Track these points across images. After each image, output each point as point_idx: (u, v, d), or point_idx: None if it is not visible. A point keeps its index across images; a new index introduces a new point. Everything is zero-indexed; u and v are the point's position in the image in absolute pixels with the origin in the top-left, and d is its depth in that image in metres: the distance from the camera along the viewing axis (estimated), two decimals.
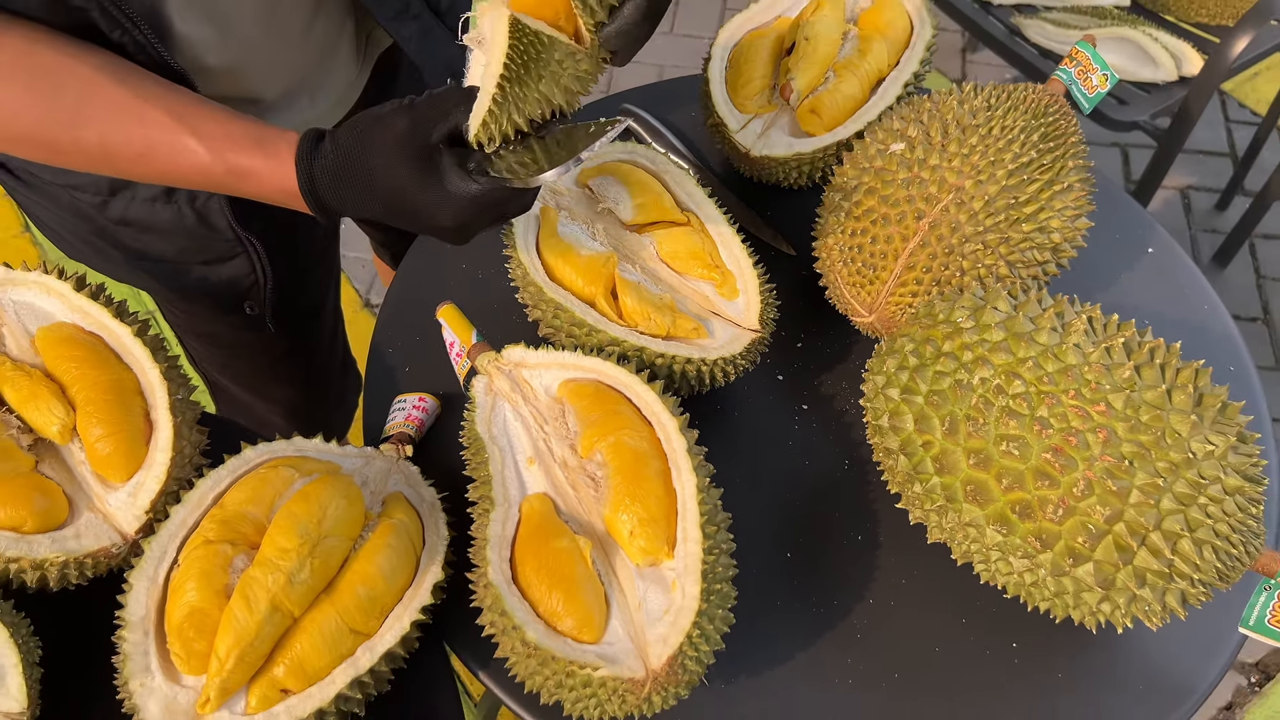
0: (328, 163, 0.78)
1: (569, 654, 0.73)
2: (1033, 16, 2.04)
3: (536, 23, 0.74)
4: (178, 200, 1.03)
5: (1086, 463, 0.75)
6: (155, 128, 0.80)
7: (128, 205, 1.04)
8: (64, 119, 0.79)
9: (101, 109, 0.79)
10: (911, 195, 0.93)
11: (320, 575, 0.78)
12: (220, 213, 1.04)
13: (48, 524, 0.80)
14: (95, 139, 0.80)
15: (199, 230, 1.06)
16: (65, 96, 0.79)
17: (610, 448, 0.82)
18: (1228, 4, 2.04)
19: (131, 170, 0.83)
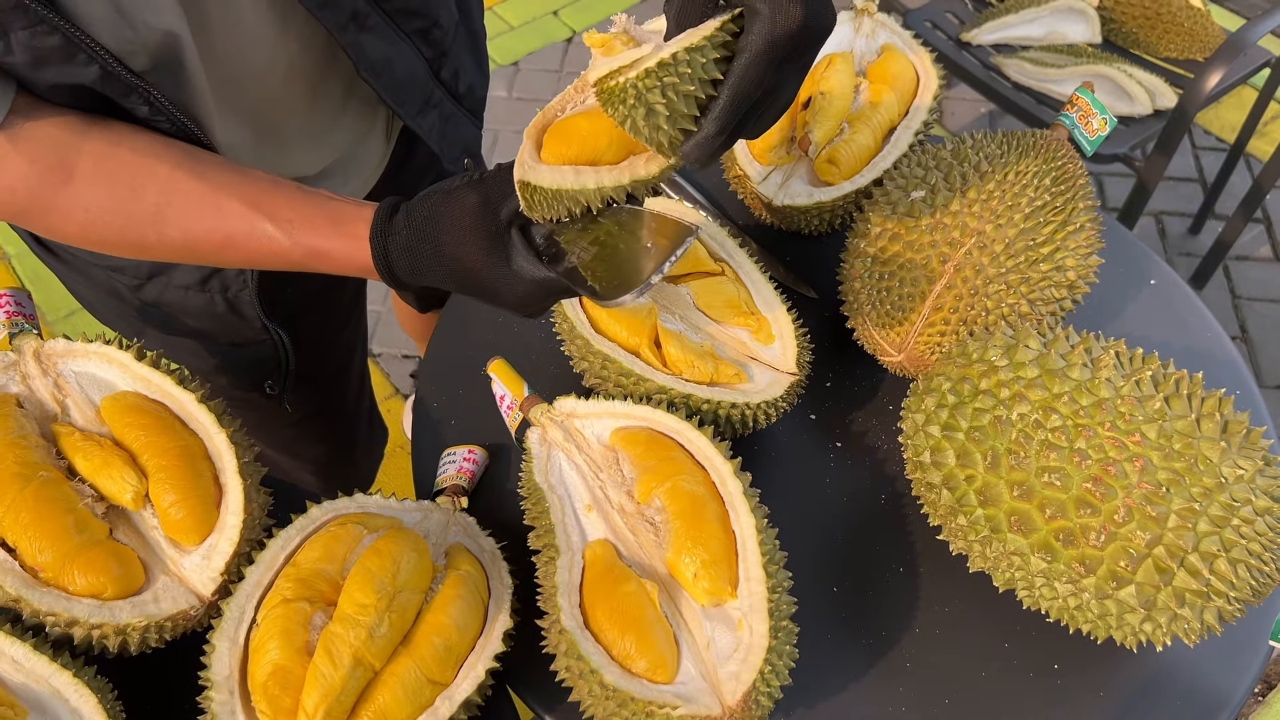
0: (401, 240, 0.81)
1: (647, 695, 0.76)
2: (1011, 56, 2.12)
3: (558, 174, 0.74)
4: (211, 289, 1.07)
5: (1125, 490, 0.79)
6: (233, 218, 0.82)
7: (163, 290, 1.07)
8: (147, 219, 0.82)
9: (181, 206, 0.82)
10: (936, 240, 0.98)
11: (398, 628, 0.80)
12: (250, 304, 1.09)
13: (126, 590, 0.82)
14: (179, 235, 0.83)
15: (229, 317, 1.10)
16: (146, 197, 0.82)
17: (668, 493, 0.86)
18: (1194, 39, 2.13)
19: (216, 259, 0.86)
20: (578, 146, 0.73)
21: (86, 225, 0.83)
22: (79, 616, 0.79)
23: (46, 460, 0.86)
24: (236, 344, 1.15)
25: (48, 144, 0.80)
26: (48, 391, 0.92)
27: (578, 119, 0.74)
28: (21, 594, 0.79)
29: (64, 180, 0.81)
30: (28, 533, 0.81)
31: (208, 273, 1.06)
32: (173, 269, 1.05)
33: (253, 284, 1.06)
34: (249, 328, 1.12)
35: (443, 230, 0.79)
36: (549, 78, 3.11)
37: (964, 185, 1.00)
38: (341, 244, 0.82)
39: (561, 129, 0.74)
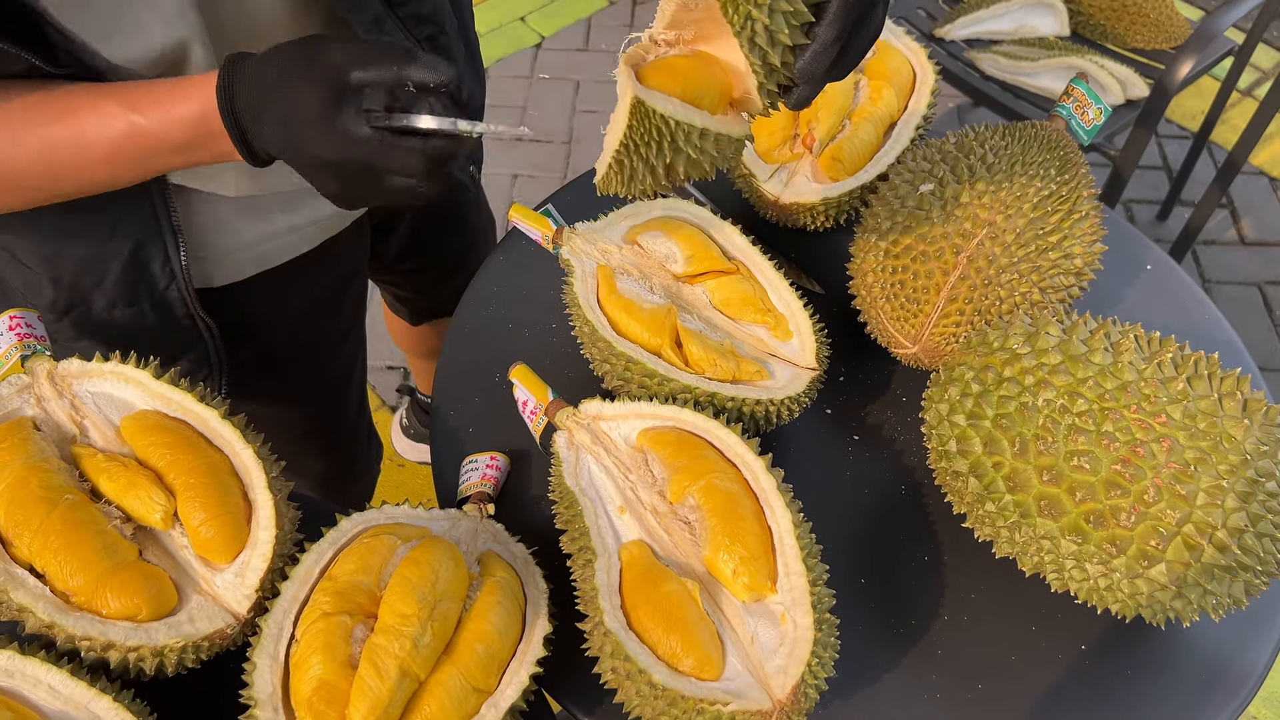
0: (249, 67, 0.77)
1: (696, 692, 0.76)
2: (984, 50, 2.15)
3: (670, 103, 0.71)
4: (139, 299, 1.01)
5: (1154, 470, 0.81)
6: (84, 111, 0.80)
7: (82, 320, 1.03)
8: (6, 141, 0.80)
9: (37, 120, 0.80)
10: (948, 231, 0.99)
11: (440, 637, 0.80)
12: (180, 300, 1.03)
13: (160, 611, 0.81)
14: (37, 147, 0.81)
15: (159, 327, 1.05)
16: (4, 122, 0.80)
17: (702, 491, 0.86)
18: (1160, 30, 2.18)
19: (78, 166, 0.82)
20: (683, 83, 0.72)
21: None
22: (115, 640, 0.78)
23: (70, 483, 0.85)
24: (169, 359, 1.08)
25: None
26: (65, 413, 0.90)
27: (678, 60, 0.72)
28: (55, 620, 0.78)
29: None
30: (58, 557, 0.80)
31: (132, 281, 1.00)
32: (92, 293, 1.00)
33: (180, 268, 1.00)
34: (178, 330, 1.06)
35: (291, 61, 0.75)
36: (520, 84, 3.11)
37: (972, 177, 1.01)
38: (185, 98, 0.78)
39: (664, 65, 0.72)
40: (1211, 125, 2.47)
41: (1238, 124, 2.93)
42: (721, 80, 0.74)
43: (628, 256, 1.04)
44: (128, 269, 0.98)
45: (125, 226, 0.96)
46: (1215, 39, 1.88)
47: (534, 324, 1.15)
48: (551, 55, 3.21)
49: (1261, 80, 3.14)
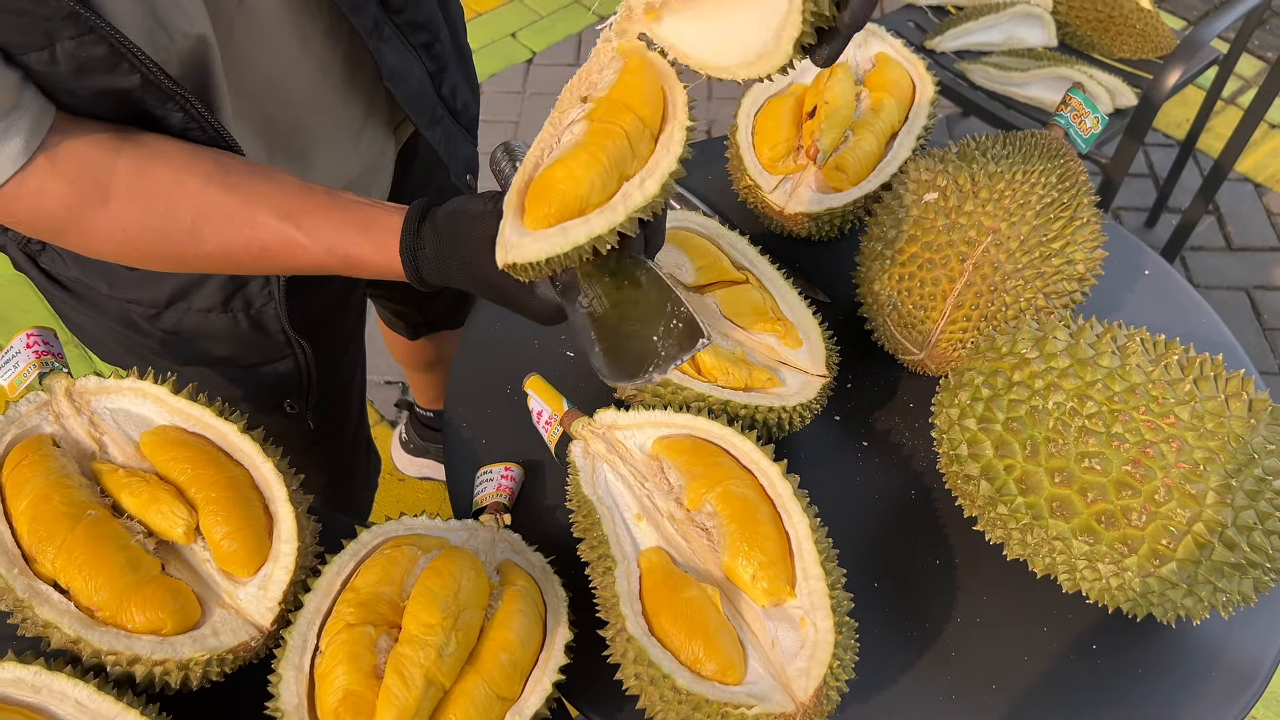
0: (429, 254, 0.85)
1: (720, 696, 0.77)
2: (975, 61, 2.18)
3: (549, 244, 0.72)
4: (234, 309, 1.07)
5: (1164, 470, 0.82)
6: (265, 230, 0.85)
7: (182, 316, 1.07)
8: (184, 235, 0.85)
9: (215, 221, 0.84)
10: (953, 240, 1.01)
11: (464, 646, 0.80)
12: (275, 318, 1.09)
13: (184, 625, 0.81)
14: (216, 249, 0.85)
15: (251, 335, 1.10)
16: (182, 214, 0.84)
17: (719, 498, 0.87)
18: (1146, 40, 2.21)
19: (254, 268, 0.88)
20: (559, 202, 0.73)
21: (124, 243, 0.85)
22: (141, 654, 0.78)
23: (92, 499, 0.85)
24: (255, 365, 1.14)
25: (85, 164, 0.81)
26: (83, 430, 0.90)
27: (554, 170, 0.73)
28: (81, 634, 0.78)
29: (101, 200, 0.82)
30: (82, 572, 0.80)
31: (230, 292, 1.05)
32: (193, 294, 1.05)
33: (279, 294, 1.06)
34: (271, 344, 1.11)
35: (467, 251, 0.82)
36: (512, 99, 3.12)
37: (975, 186, 1.03)
38: (373, 251, 0.85)
39: (539, 187, 0.74)
40: (1198, 133, 2.51)
41: (1222, 131, 2.97)
42: (646, 116, 0.75)
43: None
44: (227, 282, 1.03)
45: None
46: (1202, 48, 1.91)
47: (543, 335, 1.16)
48: (543, 70, 3.23)
49: (1244, 88, 3.19)
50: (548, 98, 3.12)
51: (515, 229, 0.74)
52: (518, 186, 0.76)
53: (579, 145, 0.74)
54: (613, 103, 0.76)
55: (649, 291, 0.79)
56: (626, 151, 0.74)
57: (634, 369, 0.77)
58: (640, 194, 0.73)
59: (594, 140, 0.74)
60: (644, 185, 0.73)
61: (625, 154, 0.74)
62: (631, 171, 0.75)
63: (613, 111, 0.75)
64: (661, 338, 0.77)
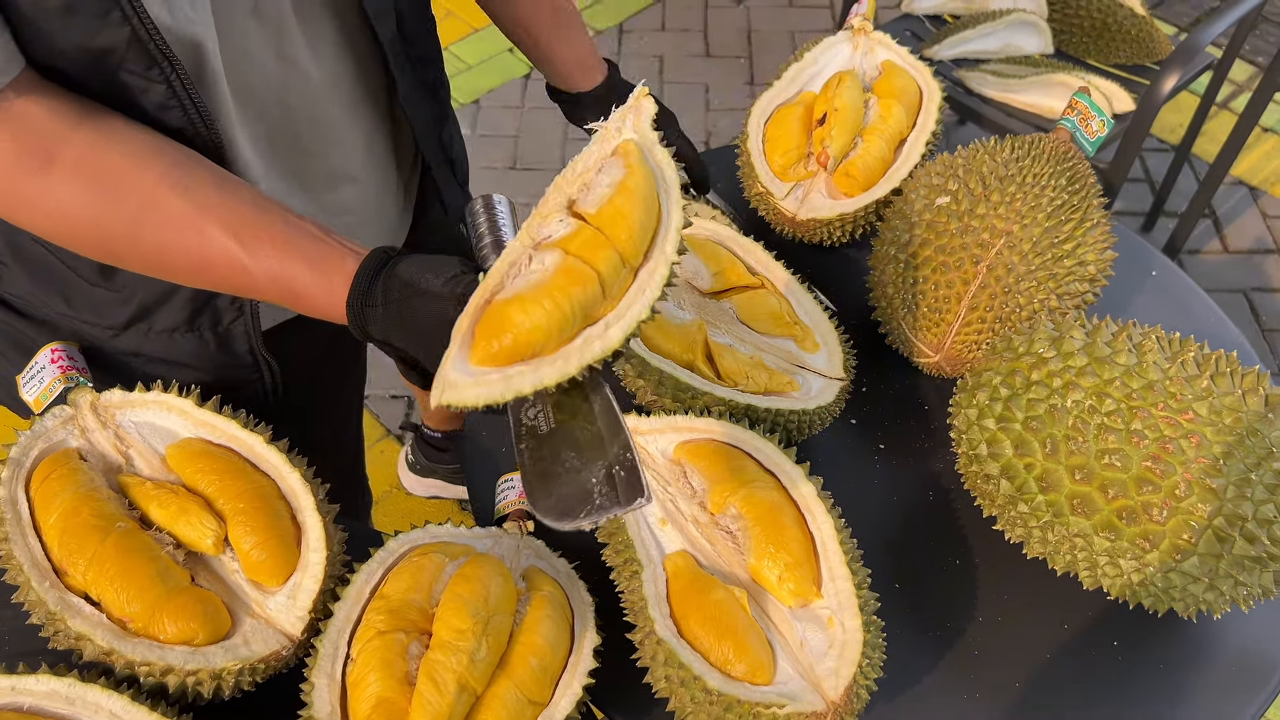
0: (377, 314, 0.78)
1: (751, 696, 0.78)
2: (973, 69, 2.20)
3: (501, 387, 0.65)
4: (200, 327, 1.00)
5: (1184, 466, 0.83)
6: (211, 244, 0.79)
7: (143, 339, 1.00)
8: (124, 225, 0.78)
9: (160, 221, 0.79)
10: (966, 243, 1.02)
11: (495, 651, 0.81)
12: (244, 335, 1.02)
13: (215, 635, 0.82)
14: (153, 248, 0.79)
15: (218, 356, 1.03)
16: (127, 203, 0.78)
17: (743, 501, 0.88)
18: (1140, 46, 2.24)
19: (192, 280, 0.83)
20: (510, 344, 0.65)
21: (57, 218, 0.79)
22: (174, 664, 0.79)
23: (121, 511, 0.85)
24: (217, 389, 1.03)
25: (35, 127, 0.76)
26: (109, 444, 0.91)
27: (511, 305, 0.65)
28: (114, 646, 0.79)
29: (41, 167, 0.76)
30: (114, 584, 0.80)
31: (197, 307, 0.99)
32: (156, 312, 0.98)
33: (250, 309, 1.00)
34: (237, 366, 1.04)
35: (417, 324, 0.76)
36: (511, 114, 3.14)
37: (986, 189, 1.04)
38: (319, 292, 0.79)
39: (493, 319, 0.66)
40: (1194, 138, 2.53)
41: (1216, 136, 3.00)
42: (628, 252, 0.69)
43: None
44: (196, 294, 0.97)
45: None
46: (1198, 53, 1.93)
47: None
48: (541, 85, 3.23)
49: (1237, 93, 3.22)
50: (545, 112, 3.14)
51: (458, 365, 0.65)
52: (471, 308, 0.68)
53: (545, 284, 0.66)
54: (592, 237, 0.68)
55: (599, 427, 0.69)
56: (596, 297, 0.67)
57: (561, 509, 0.66)
58: (600, 344, 0.66)
59: (561, 283, 0.66)
60: (607, 333, 0.66)
61: (594, 300, 0.67)
62: (598, 314, 0.67)
63: (590, 247, 0.67)
64: (600, 483, 0.66)
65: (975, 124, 2.19)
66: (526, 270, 0.68)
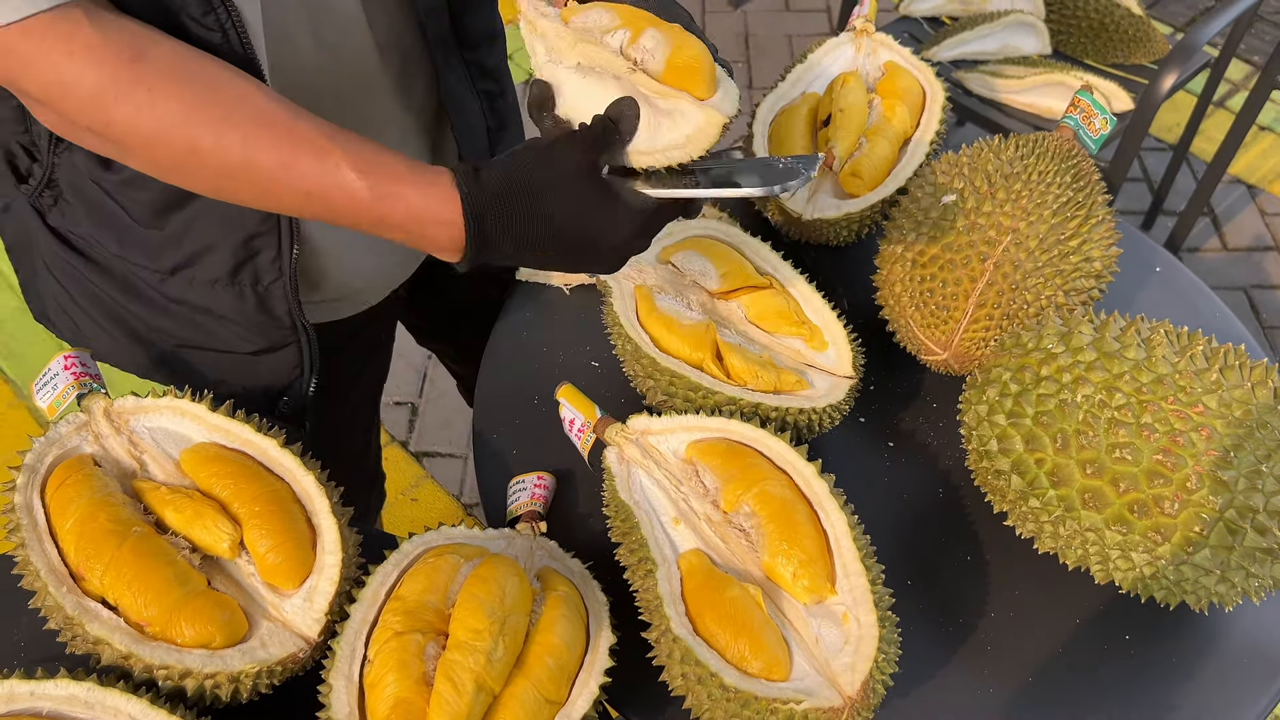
0: (495, 188, 0.77)
1: (768, 693, 0.78)
2: (972, 70, 2.21)
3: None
4: (241, 282, 1.01)
5: (1194, 459, 0.84)
6: (304, 143, 0.77)
7: (187, 286, 1.01)
8: (213, 118, 0.76)
9: (253, 116, 0.77)
10: (973, 240, 1.03)
11: (511, 651, 0.81)
12: (283, 298, 1.02)
13: (233, 638, 0.82)
14: (239, 144, 0.77)
15: (256, 316, 1.04)
16: (219, 98, 0.77)
17: (756, 498, 0.88)
18: (1138, 46, 2.25)
19: (269, 184, 0.79)
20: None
21: (144, 108, 0.75)
22: (192, 668, 0.79)
23: (136, 516, 0.86)
24: (254, 353, 1.07)
25: (125, 29, 0.75)
26: (123, 449, 0.91)
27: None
28: (132, 650, 0.79)
29: (134, 58, 0.75)
30: (131, 588, 0.81)
31: (240, 260, 0.99)
32: (201, 259, 0.99)
33: (289, 271, 1.00)
34: (276, 328, 1.05)
35: (546, 175, 0.78)
36: None
37: (992, 187, 1.05)
38: (420, 191, 0.78)
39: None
40: (1191, 136, 2.54)
41: (1214, 135, 3.01)
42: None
43: (664, 275, 1.07)
44: (238, 249, 0.98)
45: (247, 214, 0.95)
46: (1195, 53, 1.94)
47: (568, 346, 1.18)
48: None
49: (1233, 92, 3.23)
50: None
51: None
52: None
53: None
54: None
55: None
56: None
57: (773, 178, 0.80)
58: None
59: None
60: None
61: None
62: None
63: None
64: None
65: (975, 124, 2.20)
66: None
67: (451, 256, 0.82)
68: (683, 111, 0.77)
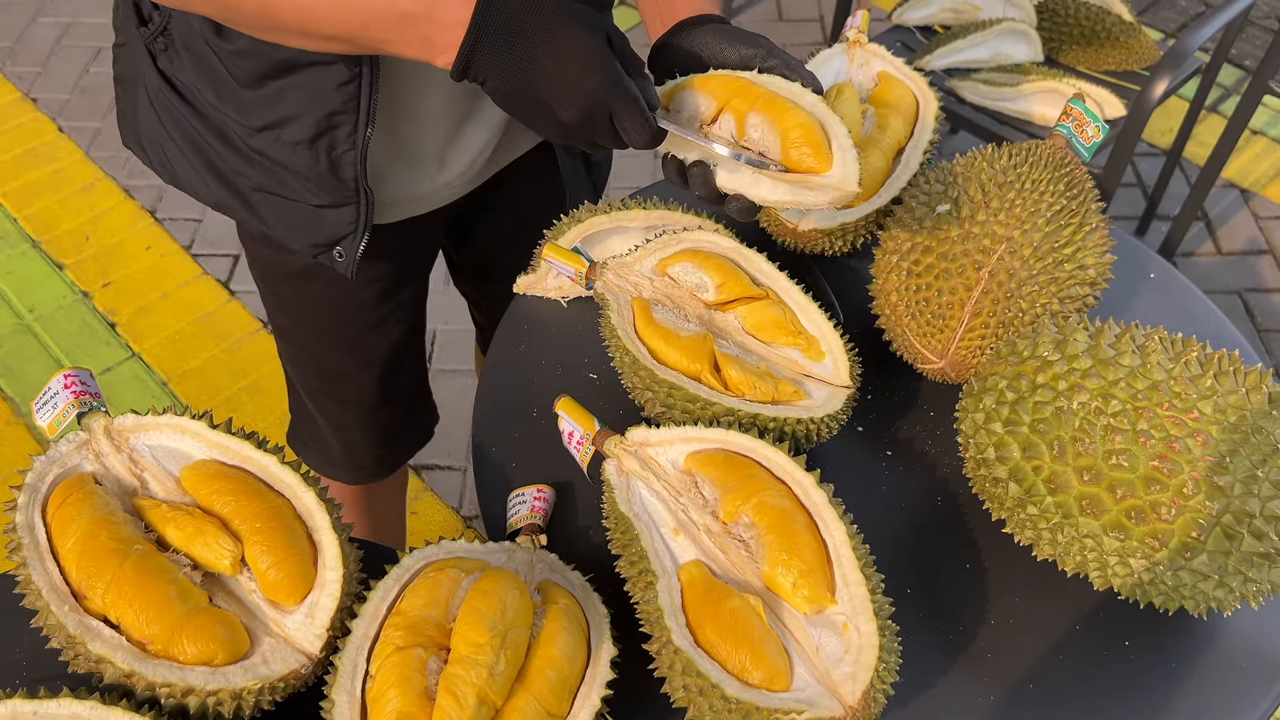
0: (503, 18, 0.85)
1: (769, 703, 0.78)
2: (965, 79, 2.23)
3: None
4: (319, 148, 1.14)
5: (1190, 464, 0.84)
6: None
7: (272, 143, 1.15)
8: None
9: None
10: (968, 249, 1.03)
11: (513, 665, 0.81)
12: (351, 165, 1.14)
13: (235, 655, 0.82)
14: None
15: (327, 177, 1.16)
16: None
17: (755, 509, 0.89)
18: (1130, 53, 2.26)
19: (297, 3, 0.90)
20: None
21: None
22: (195, 685, 0.79)
23: (137, 534, 0.86)
24: (320, 206, 1.20)
25: None
26: (124, 467, 0.92)
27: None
28: (134, 668, 0.79)
29: None
30: (133, 606, 0.81)
31: (319, 131, 1.12)
32: (287, 125, 1.12)
33: (361, 144, 1.12)
34: (341, 189, 1.17)
35: (557, 13, 0.86)
36: None
37: (985, 196, 1.06)
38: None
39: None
40: (1184, 142, 2.56)
41: (1206, 139, 3.03)
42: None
43: (660, 288, 1.07)
44: (321, 121, 1.11)
45: (334, 94, 1.09)
46: (1186, 59, 1.96)
47: (566, 359, 1.18)
48: None
49: (1225, 97, 3.25)
50: None
51: None
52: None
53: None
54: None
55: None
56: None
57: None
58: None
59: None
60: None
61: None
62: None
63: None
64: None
65: (968, 132, 2.21)
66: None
67: (445, 60, 0.89)
68: (817, 185, 0.91)
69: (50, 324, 2.62)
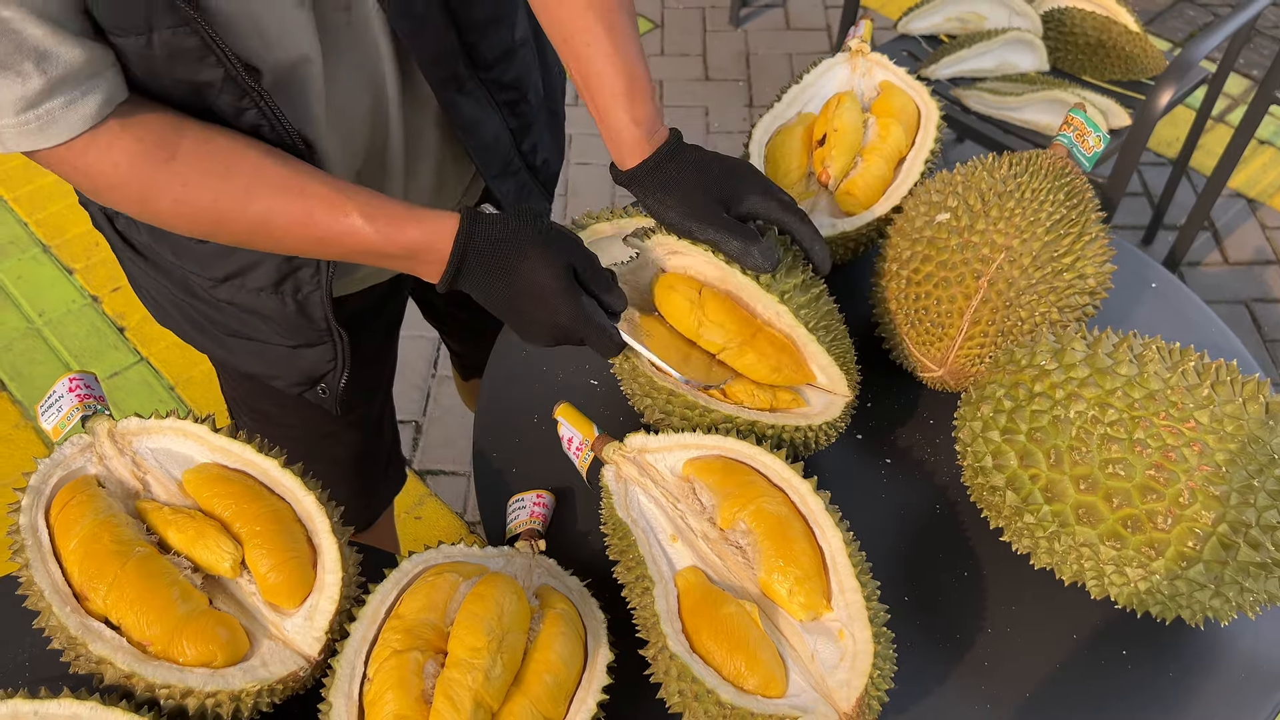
0: (481, 247, 0.93)
1: (764, 709, 0.79)
2: (970, 88, 2.23)
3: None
4: (284, 291, 1.13)
5: (1187, 474, 0.84)
6: (315, 199, 0.92)
7: (236, 291, 1.14)
8: (236, 196, 0.91)
9: (268, 186, 0.91)
10: (967, 258, 1.04)
11: (509, 669, 0.82)
12: (319, 305, 1.15)
13: (234, 657, 0.83)
14: (261, 212, 0.91)
15: (297, 319, 1.16)
16: (238, 177, 0.91)
17: (752, 515, 0.89)
18: (1135, 62, 2.26)
19: (289, 235, 0.93)
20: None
21: (180, 200, 0.90)
22: (194, 686, 0.80)
23: (139, 536, 0.87)
24: (296, 346, 1.20)
25: (153, 127, 0.89)
26: (127, 470, 0.92)
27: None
28: (134, 669, 0.80)
29: (166, 158, 0.89)
30: (134, 608, 0.82)
31: (283, 275, 1.11)
32: (249, 273, 1.11)
33: (326, 284, 1.12)
34: (313, 330, 1.18)
35: (525, 253, 0.93)
36: None
37: (985, 205, 1.06)
38: (419, 230, 0.93)
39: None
40: (1191, 151, 2.56)
41: (1213, 149, 3.02)
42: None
43: None
44: (282, 265, 1.10)
45: None
46: (1192, 68, 1.96)
47: (567, 366, 1.19)
48: None
49: (1232, 107, 3.24)
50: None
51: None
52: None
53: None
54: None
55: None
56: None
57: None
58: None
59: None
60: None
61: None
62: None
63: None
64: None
65: (973, 141, 2.21)
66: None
67: (433, 279, 0.96)
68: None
69: (60, 328, 2.63)
